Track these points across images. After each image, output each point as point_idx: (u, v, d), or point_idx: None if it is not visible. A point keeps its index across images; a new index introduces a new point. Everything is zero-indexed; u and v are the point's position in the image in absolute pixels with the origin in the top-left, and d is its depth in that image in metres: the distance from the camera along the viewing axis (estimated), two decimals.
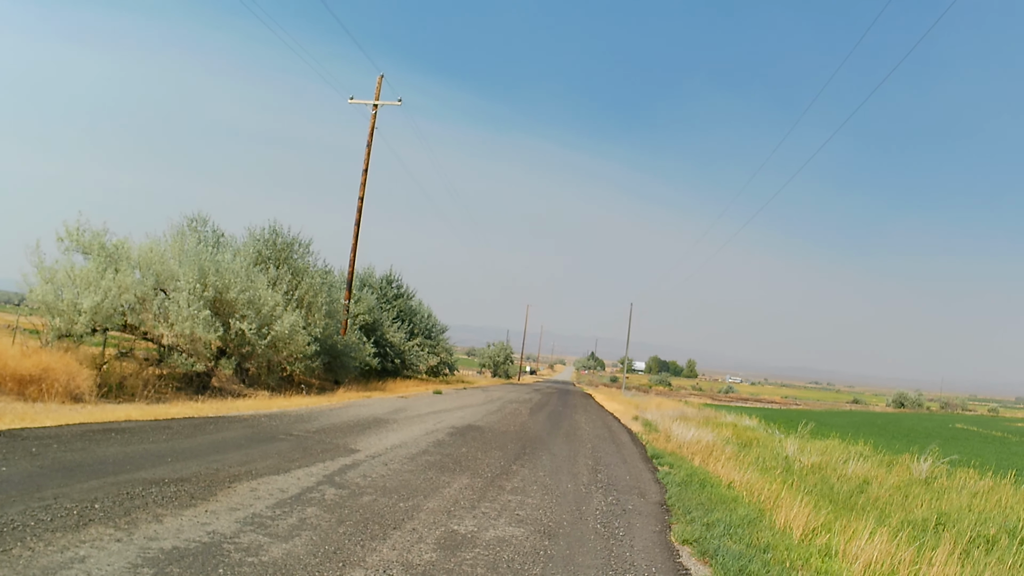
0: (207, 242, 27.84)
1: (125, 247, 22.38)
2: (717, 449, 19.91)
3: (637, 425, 29.58)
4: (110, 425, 12.85)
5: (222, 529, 7.22)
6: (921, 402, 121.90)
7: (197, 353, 22.48)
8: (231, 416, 16.48)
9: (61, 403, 16.34)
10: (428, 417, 22.16)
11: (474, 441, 17.19)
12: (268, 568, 6.24)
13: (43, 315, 20.33)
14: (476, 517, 9.23)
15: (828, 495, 14.76)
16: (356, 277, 42.41)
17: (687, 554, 8.69)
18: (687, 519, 10.50)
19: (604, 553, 8.22)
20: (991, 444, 37.45)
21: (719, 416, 39.37)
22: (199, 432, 13.42)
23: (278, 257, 30.35)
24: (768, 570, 7.91)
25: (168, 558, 6.17)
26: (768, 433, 29.82)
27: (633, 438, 23.81)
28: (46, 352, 18.21)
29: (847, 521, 10.97)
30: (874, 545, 9.19)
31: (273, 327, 24.51)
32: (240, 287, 23.75)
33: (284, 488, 9.46)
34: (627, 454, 18.68)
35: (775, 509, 11.48)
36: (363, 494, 9.73)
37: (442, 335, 62.71)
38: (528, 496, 11.13)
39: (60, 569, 5.58)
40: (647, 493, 12.79)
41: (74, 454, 9.93)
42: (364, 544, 7.34)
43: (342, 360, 33.73)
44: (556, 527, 9.25)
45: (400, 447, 14.65)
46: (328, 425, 16.87)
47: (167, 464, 10.03)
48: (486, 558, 7.42)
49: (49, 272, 20.50)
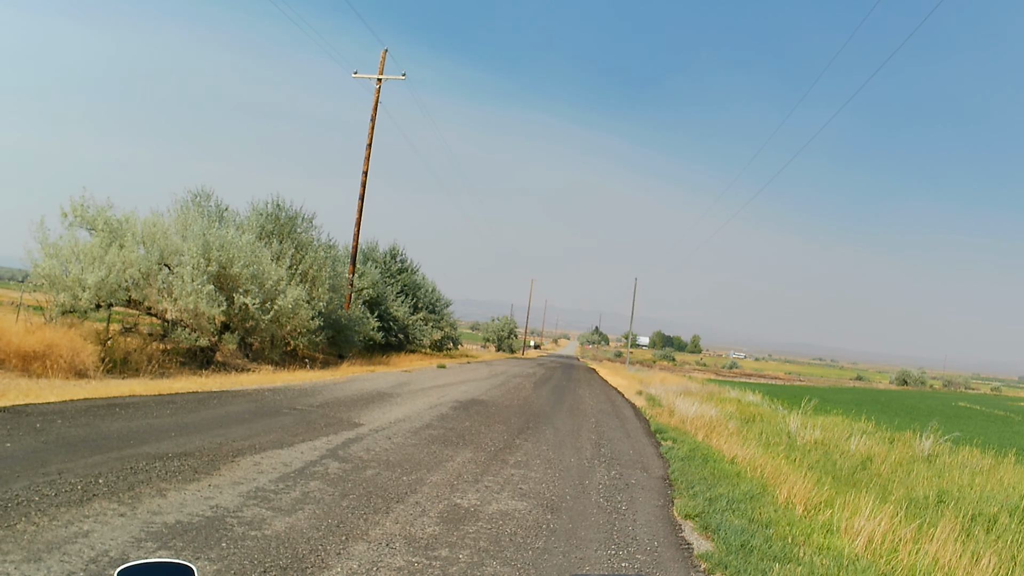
0: (211, 217, 27.84)
1: (130, 222, 22.36)
2: (720, 424, 19.93)
3: (641, 400, 29.63)
4: (114, 400, 12.87)
5: (225, 503, 7.24)
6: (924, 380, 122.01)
7: (201, 328, 22.50)
8: (235, 391, 16.51)
9: (65, 379, 16.37)
10: (431, 391, 22.21)
11: (477, 415, 17.23)
12: (271, 541, 6.26)
13: (47, 291, 20.31)
14: (479, 491, 9.25)
15: (831, 471, 14.77)
16: (360, 251, 42.39)
17: (689, 529, 8.71)
18: (690, 494, 10.52)
19: (607, 527, 8.24)
20: (994, 423, 37.51)
21: (723, 391, 39.40)
22: (203, 407, 13.45)
23: (281, 231, 30.29)
24: (770, 545, 7.92)
25: (171, 532, 6.19)
26: (771, 409, 29.84)
27: (637, 413, 23.86)
28: (50, 328, 18.22)
29: (849, 497, 10.97)
30: (876, 522, 9.20)
31: (277, 301, 24.52)
32: (244, 262, 23.73)
33: (287, 462, 9.49)
34: (630, 428, 18.71)
35: (778, 485, 11.49)
36: (366, 468, 9.75)
37: (446, 309, 62.75)
38: (531, 470, 11.16)
39: (64, 544, 5.59)
40: (650, 467, 12.82)
41: (78, 429, 9.96)
42: (367, 518, 7.37)
43: (346, 334, 33.77)
44: (559, 501, 9.27)
45: (403, 421, 14.69)
46: (332, 399, 16.91)
47: (171, 439, 10.06)
48: (489, 531, 7.44)
49: (54, 248, 20.48)
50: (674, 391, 32.92)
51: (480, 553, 6.72)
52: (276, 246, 28.23)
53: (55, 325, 18.98)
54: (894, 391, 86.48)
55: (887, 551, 8.40)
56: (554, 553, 7.02)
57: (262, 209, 30.59)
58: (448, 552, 6.63)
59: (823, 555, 7.86)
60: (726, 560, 7.29)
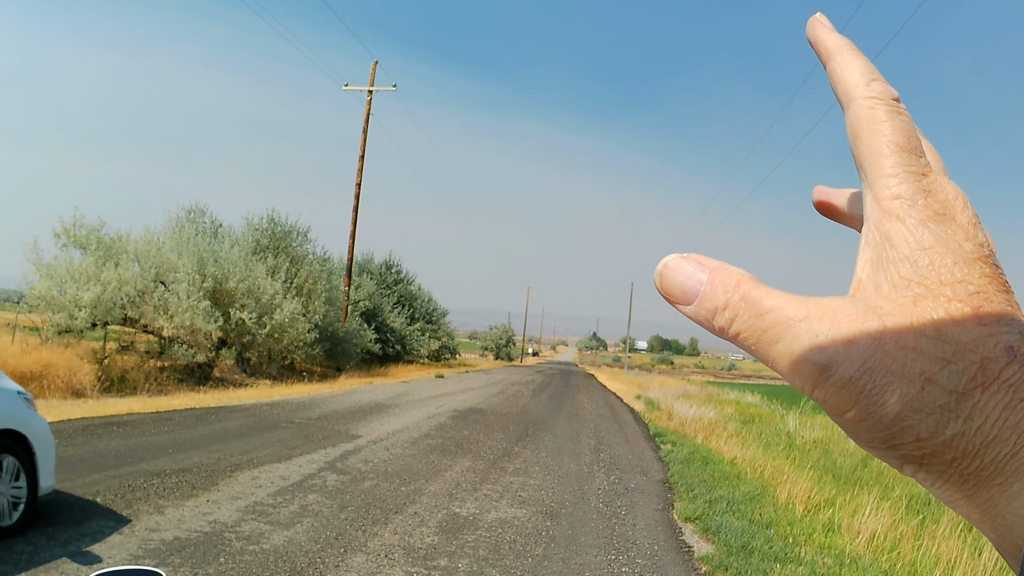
0: (205, 233, 27.85)
1: (123, 240, 22.37)
2: (719, 426, 19.94)
3: (639, 404, 29.61)
4: (111, 419, 12.87)
5: (223, 518, 7.23)
6: None
7: (198, 344, 22.49)
8: (232, 406, 16.50)
9: (63, 398, 16.35)
10: (430, 401, 22.19)
11: (476, 424, 17.22)
12: (269, 556, 6.26)
13: (43, 311, 20.33)
14: (478, 499, 9.25)
15: (831, 470, 14.77)
16: (355, 263, 42.40)
17: (689, 531, 8.71)
18: (689, 496, 10.53)
19: (606, 532, 8.23)
20: None
21: (721, 393, 39.40)
22: (200, 423, 13.44)
23: (276, 246, 30.29)
24: (771, 546, 7.93)
25: (169, 548, 6.18)
26: (770, 409, 29.86)
27: (635, 417, 23.86)
28: (47, 348, 18.21)
29: (850, 496, 10.98)
30: (877, 519, 9.21)
31: (273, 316, 24.52)
32: (239, 277, 23.74)
33: (286, 476, 9.48)
34: (629, 433, 18.72)
35: (778, 485, 11.50)
36: (364, 479, 9.75)
37: (443, 319, 62.73)
38: (530, 477, 11.15)
39: (63, 563, 5.60)
40: (649, 471, 12.82)
41: (76, 448, 9.96)
42: (366, 529, 7.36)
43: (343, 347, 33.74)
44: (558, 507, 9.27)
45: (402, 431, 14.68)
46: (330, 412, 16.90)
47: (168, 455, 10.05)
48: (488, 540, 7.43)
49: (48, 268, 20.49)
50: (673, 394, 32.94)
51: (479, 562, 6.71)
52: (271, 260, 28.23)
53: (51, 345, 18.97)
54: None
55: (888, 548, 8.40)
56: (554, 560, 7.02)
57: (257, 224, 30.59)
58: (447, 562, 6.62)
59: (825, 554, 7.87)
60: (727, 562, 7.29)
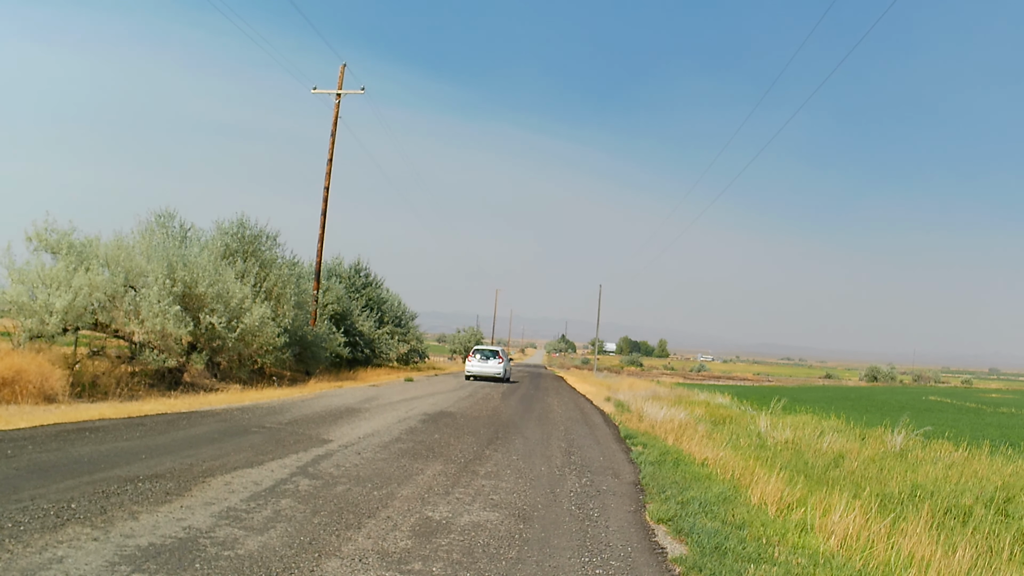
0: (175, 237, 27.69)
1: (94, 245, 22.20)
2: (690, 427, 20.02)
3: (609, 406, 29.67)
4: (84, 424, 12.80)
5: (198, 524, 7.23)
6: (894, 375, 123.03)
7: (168, 349, 22.38)
8: (204, 411, 16.44)
9: (35, 404, 16.21)
10: (400, 405, 22.19)
11: (446, 427, 17.24)
12: (244, 561, 6.27)
13: (15, 316, 20.15)
14: (450, 503, 9.28)
15: (803, 470, 14.86)
16: (324, 267, 42.34)
17: (663, 532, 8.78)
18: (662, 498, 10.59)
19: (579, 534, 8.29)
20: (965, 415, 37.88)
21: (691, 395, 39.58)
22: (172, 428, 13.39)
23: (246, 250, 30.17)
24: (744, 546, 7.99)
25: (145, 555, 6.18)
26: (741, 410, 30.04)
27: (606, 419, 23.93)
28: (18, 354, 18.03)
29: (822, 495, 11.06)
30: (849, 518, 9.30)
31: (242, 320, 24.43)
32: (209, 281, 23.64)
33: (258, 481, 9.47)
34: (600, 435, 18.79)
35: (750, 485, 11.57)
36: (337, 484, 9.76)
37: (412, 322, 62.75)
38: (502, 480, 11.19)
39: (39, 570, 5.58)
40: (621, 473, 12.89)
41: (49, 455, 9.90)
42: (339, 534, 7.38)
43: (313, 351, 33.68)
44: (531, 510, 9.31)
45: (373, 436, 14.68)
46: (300, 416, 16.87)
47: (141, 461, 10.01)
48: (461, 543, 7.47)
49: (20, 273, 20.31)
50: (643, 396, 33.07)
51: (453, 565, 6.75)
52: (240, 264, 28.15)
53: (23, 351, 18.78)
54: (864, 388, 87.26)
55: (862, 547, 8.49)
56: (527, 563, 7.06)
57: (226, 228, 30.47)
58: (421, 565, 6.65)
59: (798, 554, 7.94)
60: (700, 563, 7.35)
